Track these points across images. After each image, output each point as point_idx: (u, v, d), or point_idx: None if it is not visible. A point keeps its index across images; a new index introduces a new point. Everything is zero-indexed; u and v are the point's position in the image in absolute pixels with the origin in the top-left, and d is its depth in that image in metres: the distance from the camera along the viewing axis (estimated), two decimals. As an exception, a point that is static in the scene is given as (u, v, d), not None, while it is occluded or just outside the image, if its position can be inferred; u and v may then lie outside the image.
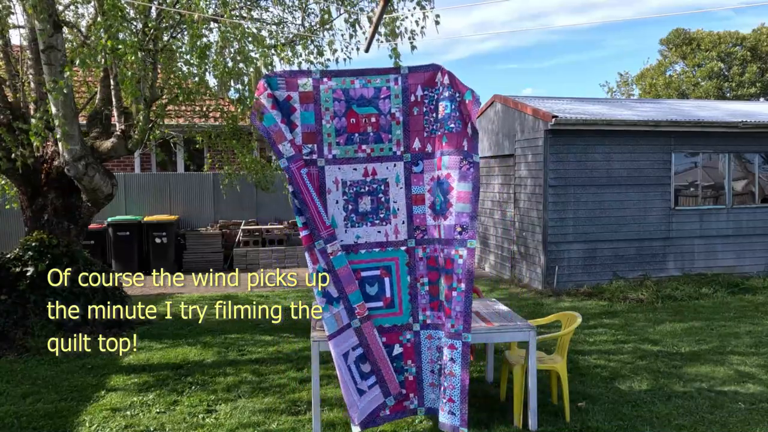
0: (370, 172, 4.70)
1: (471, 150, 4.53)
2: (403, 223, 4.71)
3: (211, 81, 7.47)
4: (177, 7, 6.44)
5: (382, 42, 7.60)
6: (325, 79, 4.63)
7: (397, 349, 4.66)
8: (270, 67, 6.40)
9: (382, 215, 4.68)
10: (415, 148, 4.71)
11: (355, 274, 4.56)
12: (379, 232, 4.67)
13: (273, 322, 8.37)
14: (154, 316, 8.58)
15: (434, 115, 4.68)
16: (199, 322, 8.36)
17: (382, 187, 4.70)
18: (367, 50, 6.31)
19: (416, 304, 4.68)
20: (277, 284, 11.49)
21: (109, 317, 7.65)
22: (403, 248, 4.69)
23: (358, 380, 4.52)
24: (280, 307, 9.42)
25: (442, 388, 4.50)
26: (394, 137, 4.70)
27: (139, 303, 9.22)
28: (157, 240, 12.54)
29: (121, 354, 6.80)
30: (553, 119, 9.80)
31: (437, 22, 7.22)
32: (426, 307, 4.68)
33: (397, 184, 4.71)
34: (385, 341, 4.62)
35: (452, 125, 4.57)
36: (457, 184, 4.51)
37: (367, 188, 4.68)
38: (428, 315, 4.68)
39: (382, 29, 7.51)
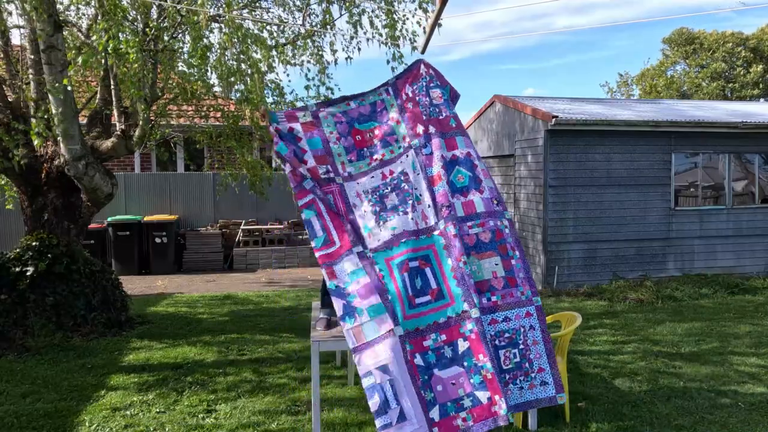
0: (387, 174, 4.70)
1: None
2: (429, 207, 4.56)
3: (213, 81, 7.47)
4: (180, 6, 6.44)
5: (382, 44, 7.63)
6: (322, 108, 4.83)
7: (463, 345, 4.19)
8: (271, 68, 6.43)
9: (410, 202, 4.58)
10: (419, 132, 4.74)
11: (403, 267, 4.32)
12: (411, 219, 4.52)
13: (273, 321, 8.37)
14: (154, 316, 8.58)
15: (428, 99, 4.80)
16: (199, 322, 8.36)
17: (402, 177, 4.66)
18: (423, 51, 6.53)
19: (467, 285, 4.30)
20: (278, 284, 11.50)
21: (109, 317, 7.67)
22: (436, 232, 4.47)
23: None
24: (280, 306, 9.43)
25: (528, 363, 4.21)
26: (399, 136, 4.78)
27: (139, 303, 9.23)
28: (157, 240, 12.55)
29: (121, 354, 6.80)
30: (554, 119, 9.80)
31: (439, 25, 7.22)
32: (474, 288, 4.31)
33: (414, 171, 4.67)
34: (445, 340, 4.20)
35: (454, 110, 4.81)
36: (478, 161, 4.69)
37: (389, 188, 4.65)
38: (481, 299, 4.32)
39: (384, 30, 7.53)
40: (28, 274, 7.25)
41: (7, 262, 7.36)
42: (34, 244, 7.44)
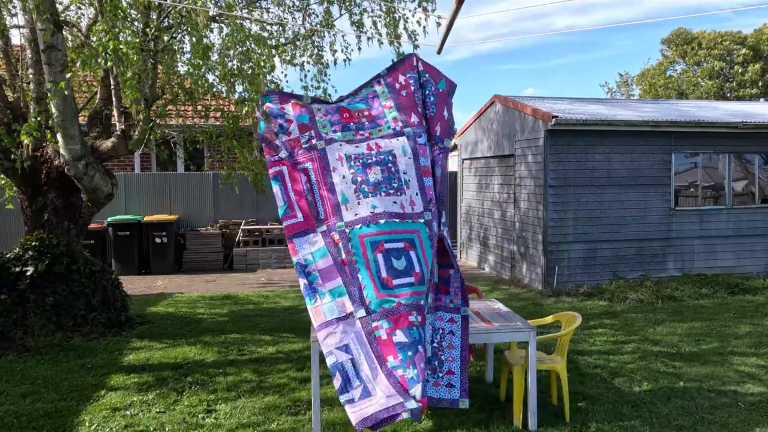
0: (373, 147, 4.67)
1: (444, 134, 4.83)
2: (417, 194, 4.57)
3: (212, 80, 7.48)
4: (181, 6, 6.44)
5: (381, 44, 7.64)
6: (315, 103, 5.00)
7: (428, 329, 4.46)
8: (273, 68, 6.45)
9: (395, 185, 4.53)
10: (414, 122, 4.77)
11: (378, 247, 4.34)
12: (395, 202, 4.48)
13: (273, 321, 8.37)
14: (154, 316, 8.58)
15: (420, 93, 4.88)
16: (199, 322, 8.36)
17: (390, 158, 4.61)
18: (439, 52, 6.63)
19: (431, 283, 4.51)
20: (278, 284, 11.50)
21: (109, 317, 7.67)
22: (421, 221, 4.51)
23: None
24: (280, 306, 9.43)
25: (437, 362, 4.41)
26: (389, 119, 4.81)
27: (139, 303, 9.23)
28: (157, 240, 12.55)
29: (121, 354, 6.80)
30: (554, 119, 9.80)
31: (438, 24, 7.24)
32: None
33: (404, 155, 4.64)
34: (421, 321, 4.27)
35: (428, 111, 4.85)
36: (423, 160, 4.73)
37: (374, 159, 4.60)
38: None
39: (384, 30, 7.54)
40: (28, 274, 7.25)
41: (7, 262, 7.36)
42: (34, 244, 7.44)
